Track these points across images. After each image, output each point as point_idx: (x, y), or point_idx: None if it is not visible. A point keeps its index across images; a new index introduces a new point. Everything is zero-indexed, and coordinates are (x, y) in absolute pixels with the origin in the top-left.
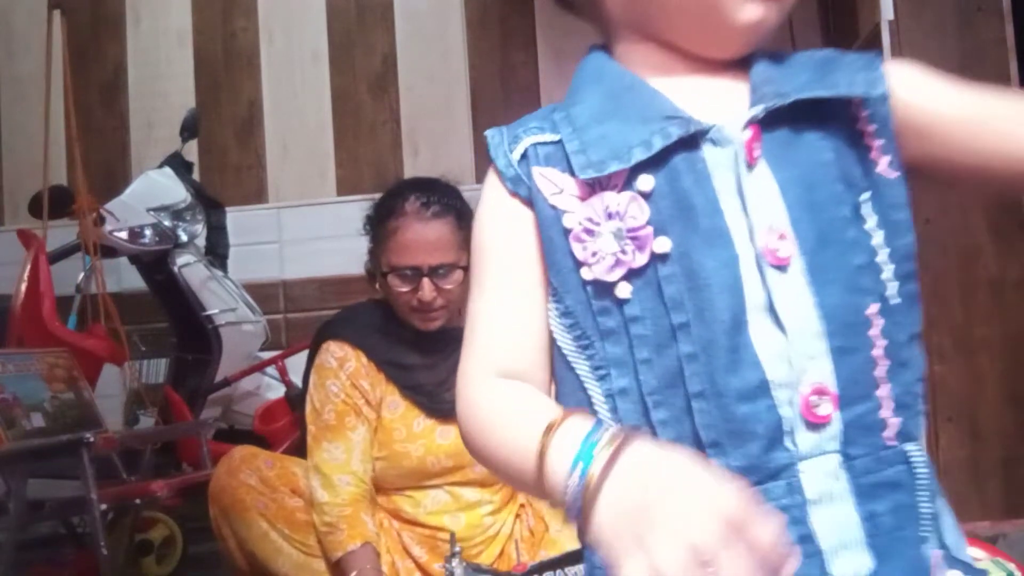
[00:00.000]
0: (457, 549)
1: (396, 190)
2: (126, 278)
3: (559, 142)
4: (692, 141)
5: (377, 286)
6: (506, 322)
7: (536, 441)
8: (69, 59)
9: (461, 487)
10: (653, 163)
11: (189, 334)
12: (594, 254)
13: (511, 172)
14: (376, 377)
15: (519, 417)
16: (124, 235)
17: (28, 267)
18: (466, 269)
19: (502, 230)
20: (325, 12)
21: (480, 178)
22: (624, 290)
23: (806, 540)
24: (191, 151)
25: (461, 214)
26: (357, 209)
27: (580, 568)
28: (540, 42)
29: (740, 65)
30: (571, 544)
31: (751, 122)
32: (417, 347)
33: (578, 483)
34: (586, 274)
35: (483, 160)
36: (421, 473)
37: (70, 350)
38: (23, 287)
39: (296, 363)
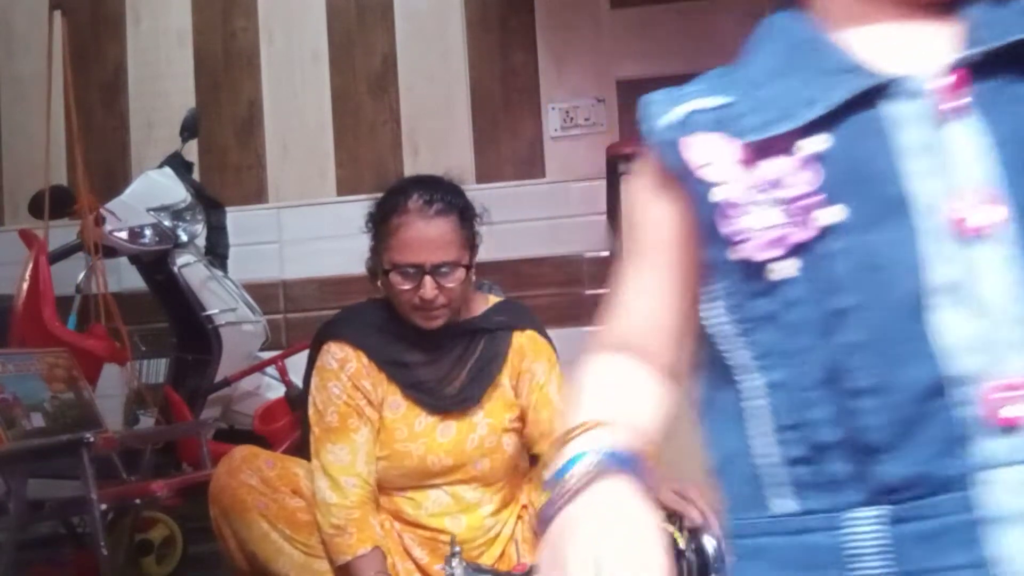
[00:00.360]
0: (457, 549)
1: (399, 187)
2: (126, 278)
3: (726, 106)
4: (873, 96)
5: (379, 284)
6: (633, 300)
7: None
8: (70, 59)
9: (462, 486)
10: (826, 123)
11: (189, 334)
12: (746, 230)
13: (658, 140)
14: (377, 377)
15: (577, 403)
16: (124, 235)
17: (29, 267)
18: (468, 268)
19: (643, 203)
20: (325, 12)
21: (480, 178)
22: (782, 270)
23: (978, 566)
24: (191, 151)
25: (464, 213)
26: (357, 209)
27: None
28: (540, 42)
29: (949, 9)
30: None
31: (958, 66)
32: (418, 345)
33: (547, 503)
34: (736, 253)
35: (483, 160)
36: (422, 472)
37: (70, 350)
38: (24, 287)
39: (296, 363)
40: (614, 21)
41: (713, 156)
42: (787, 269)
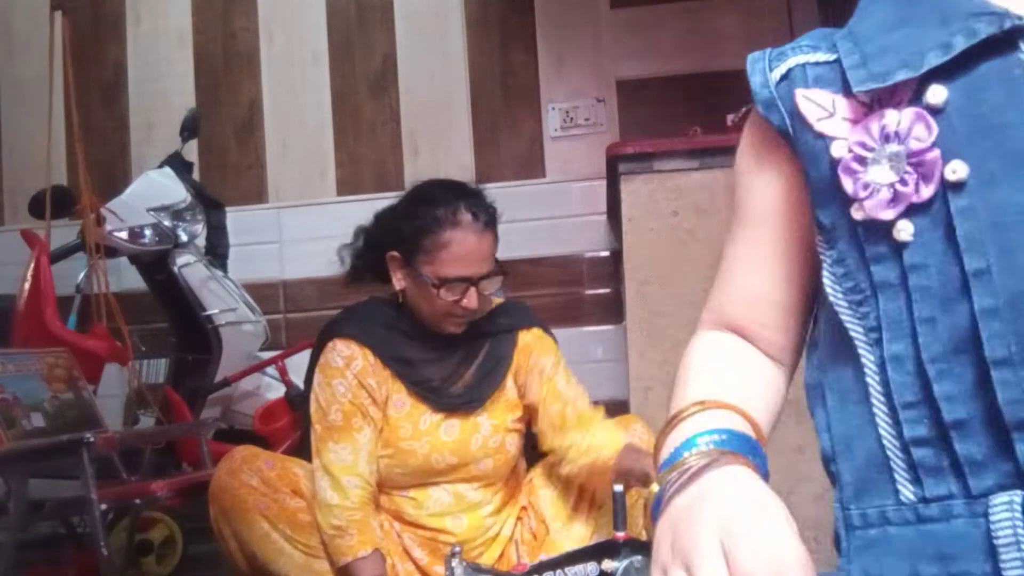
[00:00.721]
0: (457, 549)
1: (439, 198)
2: (126, 278)
3: (835, 61)
4: (1007, 42)
5: (399, 289)
6: (740, 272)
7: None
8: (70, 59)
9: (464, 485)
10: (951, 72)
11: (189, 334)
12: (866, 187)
13: (764, 94)
14: (382, 374)
15: (686, 382)
16: (124, 235)
17: (31, 268)
18: (505, 272)
19: (749, 166)
20: (325, 12)
21: (480, 178)
22: (903, 231)
23: None
24: (191, 151)
25: (496, 220)
26: (357, 209)
27: (579, 568)
28: (540, 42)
29: None
30: (571, 546)
31: None
32: (424, 343)
33: (658, 486)
34: (856, 213)
35: (483, 160)
36: (426, 471)
37: (72, 350)
38: (26, 287)
39: (296, 363)
40: (614, 21)
41: (829, 109)
42: (909, 231)
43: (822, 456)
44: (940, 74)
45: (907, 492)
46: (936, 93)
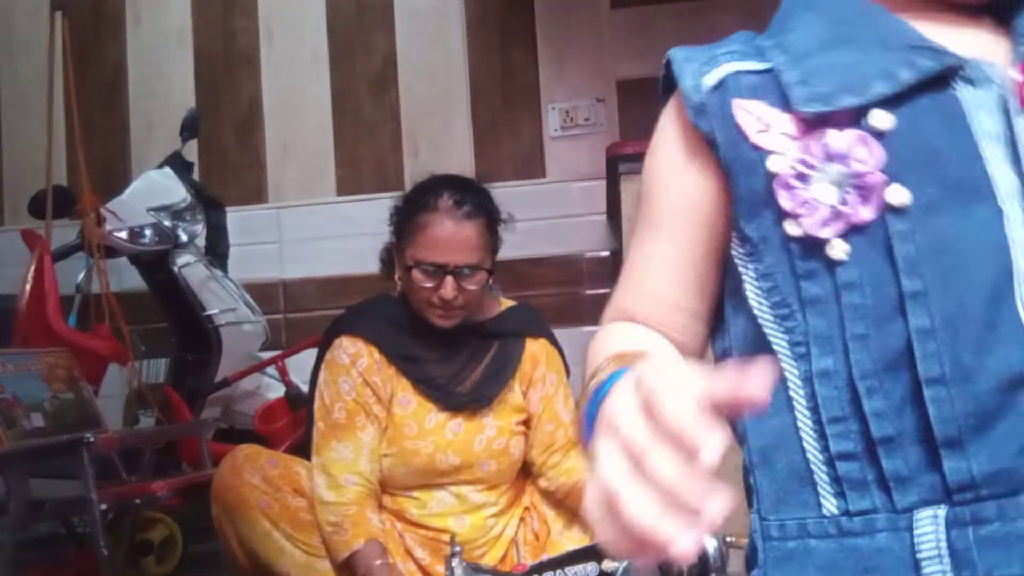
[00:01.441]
0: (457, 549)
1: (430, 185)
2: (126, 278)
3: (768, 71)
4: (942, 79)
5: (396, 278)
6: (650, 276)
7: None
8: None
9: (467, 487)
10: (890, 100)
11: (189, 334)
12: (804, 204)
13: (696, 100)
14: (387, 372)
15: (608, 348)
16: (124, 235)
17: (33, 267)
18: (490, 272)
19: (670, 166)
20: (325, 12)
21: (480, 178)
22: (838, 250)
23: None
24: (191, 151)
25: (492, 217)
26: (357, 209)
27: (580, 568)
28: (540, 42)
29: (994, 17)
30: (573, 547)
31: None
32: (431, 341)
33: (594, 398)
34: (791, 228)
35: (483, 160)
36: (430, 471)
37: (73, 350)
38: (27, 287)
39: (296, 363)
40: (614, 21)
41: (767, 122)
42: (844, 250)
43: (743, 467)
44: (882, 101)
45: (829, 505)
46: (880, 118)
